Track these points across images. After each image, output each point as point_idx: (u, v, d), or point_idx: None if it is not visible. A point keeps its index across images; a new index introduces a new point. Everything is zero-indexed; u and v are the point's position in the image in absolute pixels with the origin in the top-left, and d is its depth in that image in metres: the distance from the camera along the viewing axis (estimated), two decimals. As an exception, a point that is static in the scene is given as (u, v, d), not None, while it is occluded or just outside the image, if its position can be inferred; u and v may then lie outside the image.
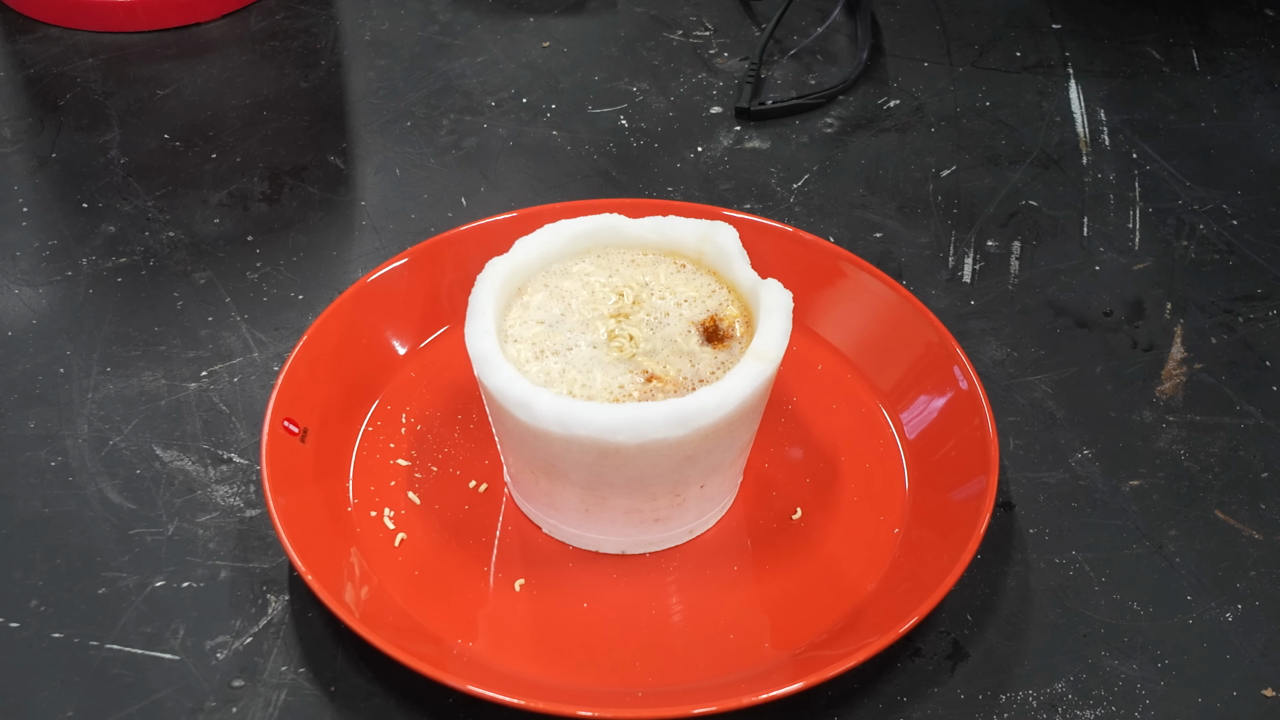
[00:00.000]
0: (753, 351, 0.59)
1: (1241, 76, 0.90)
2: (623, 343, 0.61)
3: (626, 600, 0.61)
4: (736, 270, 0.63)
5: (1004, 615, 0.61)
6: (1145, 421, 0.69)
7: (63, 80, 0.87)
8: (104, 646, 0.59)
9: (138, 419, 0.68)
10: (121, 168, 0.82)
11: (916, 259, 0.77)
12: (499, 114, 0.86)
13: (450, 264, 0.70)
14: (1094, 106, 0.87)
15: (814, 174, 0.82)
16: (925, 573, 0.59)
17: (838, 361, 0.70)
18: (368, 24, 0.93)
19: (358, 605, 0.58)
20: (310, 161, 0.83)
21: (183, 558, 0.62)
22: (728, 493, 0.64)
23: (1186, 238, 0.78)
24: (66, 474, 0.65)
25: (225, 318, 0.73)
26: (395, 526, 0.63)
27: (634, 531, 0.62)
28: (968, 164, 0.83)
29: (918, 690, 0.58)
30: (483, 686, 0.54)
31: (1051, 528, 0.64)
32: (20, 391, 0.69)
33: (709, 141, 0.84)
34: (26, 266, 0.76)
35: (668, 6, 0.95)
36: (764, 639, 0.60)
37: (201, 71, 0.88)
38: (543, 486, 0.61)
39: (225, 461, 0.66)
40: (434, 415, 0.68)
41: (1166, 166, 0.83)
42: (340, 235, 0.78)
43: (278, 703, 0.57)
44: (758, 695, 0.55)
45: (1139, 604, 0.61)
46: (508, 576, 0.62)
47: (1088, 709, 0.58)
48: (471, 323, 0.60)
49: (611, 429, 0.56)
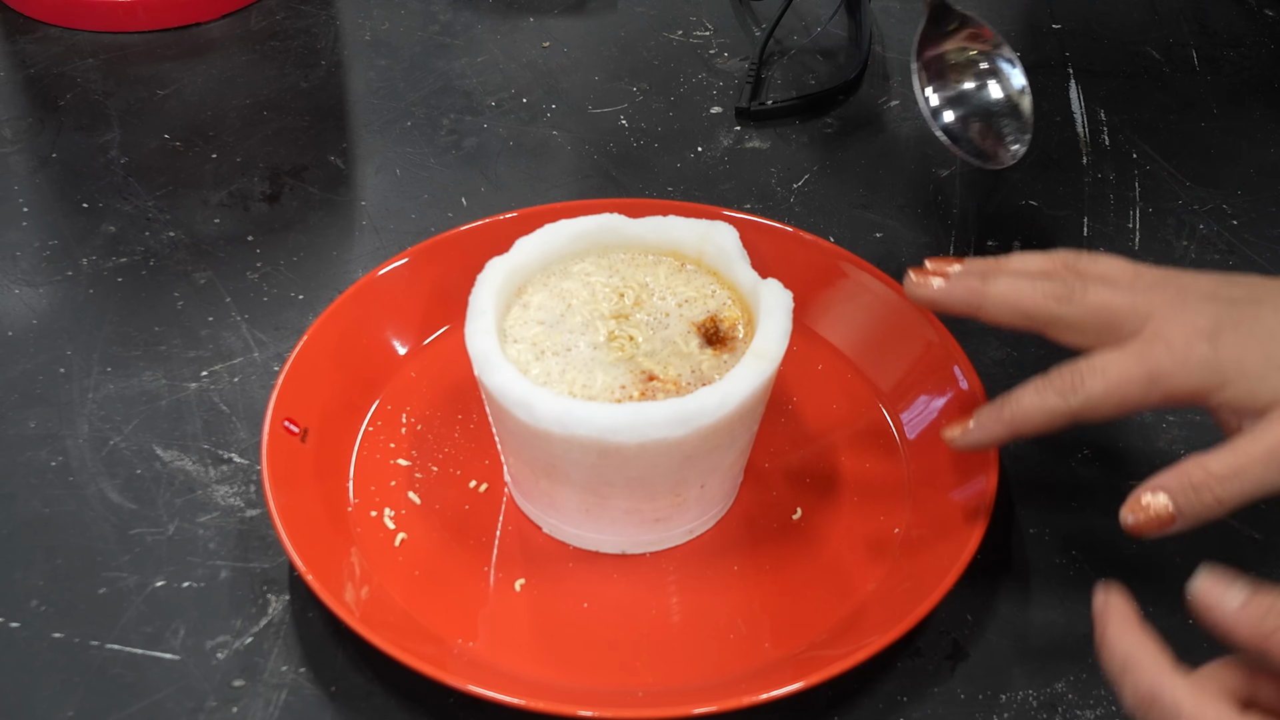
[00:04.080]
0: (753, 351, 0.59)
1: (1241, 76, 0.90)
2: (623, 343, 0.61)
3: (626, 600, 0.61)
4: (737, 270, 0.63)
5: (1004, 615, 0.61)
6: (1145, 421, 0.69)
7: (63, 80, 0.87)
8: (104, 646, 0.59)
9: (138, 419, 0.68)
10: (122, 168, 0.82)
11: (916, 259, 0.77)
12: (499, 114, 0.86)
13: (450, 264, 0.70)
14: (1094, 106, 0.87)
15: (814, 174, 0.82)
16: (925, 573, 0.59)
17: (838, 361, 0.70)
18: (368, 24, 0.93)
19: (358, 605, 0.58)
20: (310, 161, 0.83)
21: (183, 558, 0.62)
22: (728, 493, 0.64)
23: (1186, 238, 0.78)
24: (67, 474, 0.65)
25: (225, 318, 0.73)
26: (395, 526, 0.63)
27: (634, 531, 0.62)
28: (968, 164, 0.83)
29: (918, 690, 0.58)
30: (483, 686, 0.54)
31: (1051, 528, 0.64)
32: (20, 391, 0.69)
33: (709, 141, 0.84)
34: (27, 266, 0.76)
35: (668, 6, 0.95)
36: (764, 639, 0.60)
37: (201, 71, 0.88)
38: (543, 486, 0.61)
39: (225, 461, 0.66)
40: (434, 415, 0.68)
41: (1166, 166, 0.83)
42: (340, 235, 0.78)
43: (278, 703, 0.57)
44: (758, 695, 0.55)
45: (1139, 604, 0.61)
46: (508, 576, 0.62)
47: (1088, 709, 0.58)
48: (471, 323, 0.60)
49: (612, 429, 0.56)
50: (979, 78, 0.77)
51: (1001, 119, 0.76)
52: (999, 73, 0.77)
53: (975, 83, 0.77)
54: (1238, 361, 0.54)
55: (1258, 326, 0.54)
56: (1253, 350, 0.54)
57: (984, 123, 0.76)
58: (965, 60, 0.77)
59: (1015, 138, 0.76)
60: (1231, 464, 0.52)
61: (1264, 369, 0.53)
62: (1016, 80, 0.77)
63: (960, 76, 0.77)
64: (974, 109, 0.77)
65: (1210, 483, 0.53)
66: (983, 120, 0.76)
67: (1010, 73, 0.77)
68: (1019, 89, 0.77)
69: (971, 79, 0.77)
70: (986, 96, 0.77)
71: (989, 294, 0.58)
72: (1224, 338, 0.54)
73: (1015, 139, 0.76)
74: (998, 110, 0.76)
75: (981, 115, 0.77)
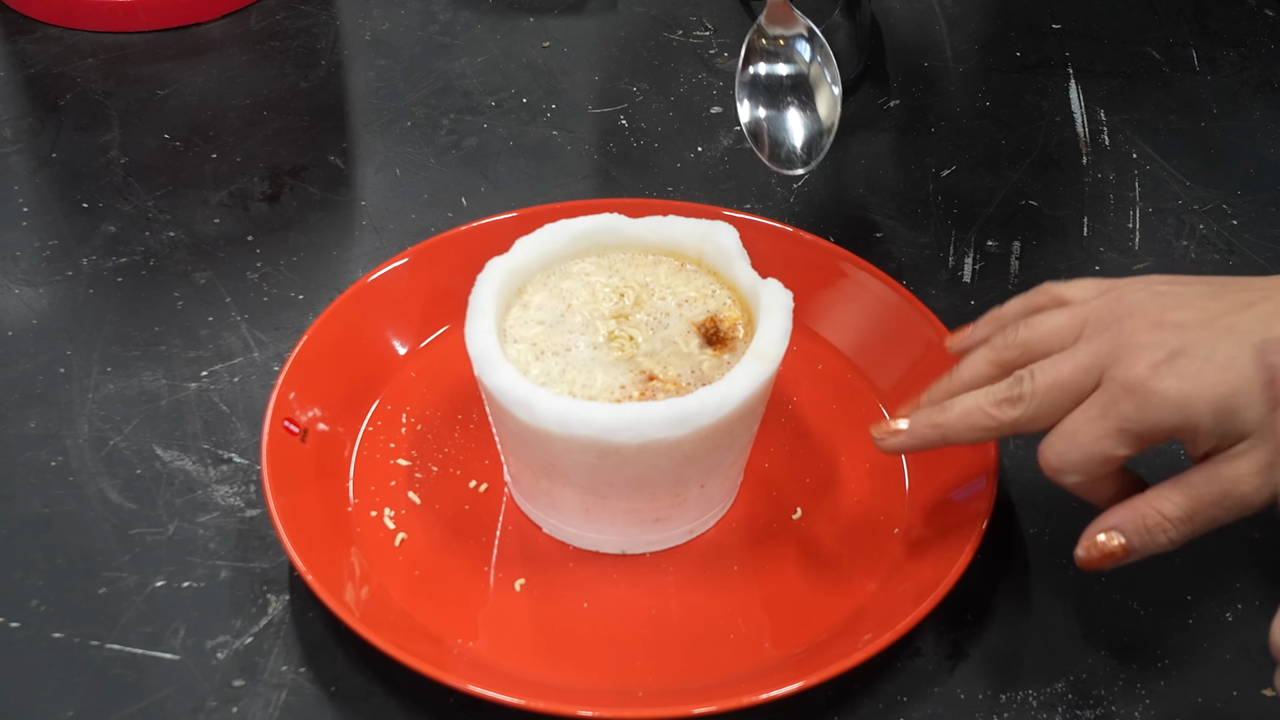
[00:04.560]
0: (753, 351, 0.59)
1: (1241, 76, 0.90)
2: (623, 343, 0.61)
3: (626, 600, 0.61)
4: (737, 270, 0.63)
5: (1004, 615, 0.61)
6: (1145, 421, 0.69)
7: (63, 80, 0.87)
8: (104, 646, 0.59)
9: (138, 419, 0.68)
10: (122, 168, 0.82)
11: (916, 259, 0.77)
12: (499, 114, 0.86)
13: (450, 264, 0.70)
14: (1094, 106, 0.87)
15: (814, 174, 0.82)
16: (925, 573, 0.59)
17: (838, 361, 0.70)
18: (368, 24, 0.93)
19: (358, 605, 0.58)
20: (310, 161, 0.83)
21: (183, 558, 0.62)
22: (728, 493, 0.64)
23: (1186, 238, 0.78)
24: (67, 474, 0.65)
25: (225, 318, 0.73)
26: (395, 526, 0.63)
27: (634, 531, 0.62)
28: (968, 164, 0.83)
29: (918, 690, 0.58)
30: (483, 686, 0.54)
31: (1051, 528, 0.64)
32: (20, 391, 0.69)
33: (709, 141, 0.84)
34: (27, 266, 0.76)
35: (668, 6, 0.95)
36: (764, 639, 0.60)
37: (201, 71, 0.88)
38: (543, 486, 0.61)
39: (225, 461, 0.66)
40: (434, 415, 0.68)
41: (1166, 166, 0.83)
42: (340, 235, 0.78)
43: (278, 703, 0.57)
44: (758, 695, 0.55)
45: (1139, 604, 0.61)
46: (508, 576, 0.62)
47: (1088, 709, 0.58)
48: (472, 323, 0.60)
49: (612, 429, 0.56)
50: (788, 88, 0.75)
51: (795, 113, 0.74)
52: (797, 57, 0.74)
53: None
54: (1202, 397, 0.52)
55: (1216, 353, 0.53)
56: (1215, 383, 0.52)
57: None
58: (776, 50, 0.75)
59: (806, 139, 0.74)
60: (1186, 508, 0.53)
61: (1228, 403, 0.52)
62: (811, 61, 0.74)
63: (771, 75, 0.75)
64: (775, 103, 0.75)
65: (1165, 525, 0.53)
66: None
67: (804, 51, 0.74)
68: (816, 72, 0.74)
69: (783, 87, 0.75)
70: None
71: (947, 427, 0.57)
72: (1183, 365, 0.53)
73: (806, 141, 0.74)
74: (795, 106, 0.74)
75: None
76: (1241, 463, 0.52)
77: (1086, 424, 0.54)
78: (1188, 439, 0.54)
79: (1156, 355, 0.53)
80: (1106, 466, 0.55)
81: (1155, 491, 0.54)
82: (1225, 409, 0.52)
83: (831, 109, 0.73)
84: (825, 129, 0.73)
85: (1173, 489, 0.53)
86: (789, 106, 0.74)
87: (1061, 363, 0.55)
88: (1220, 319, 0.54)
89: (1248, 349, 0.52)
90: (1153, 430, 0.53)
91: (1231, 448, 0.52)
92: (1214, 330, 0.53)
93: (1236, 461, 0.52)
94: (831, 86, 0.73)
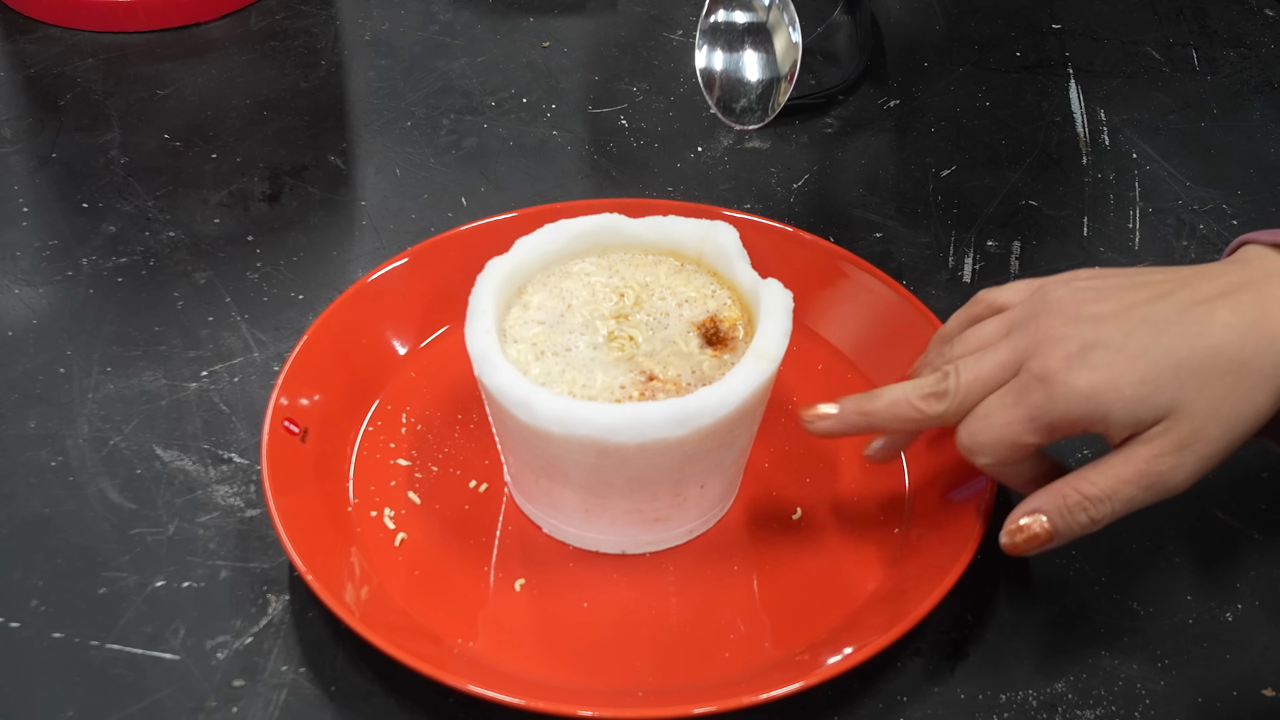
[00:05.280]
0: (753, 351, 0.59)
1: (1241, 76, 0.90)
2: (623, 343, 0.61)
3: (626, 600, 0.61)
4: (737, 270, 0.63)
5: (1004, 615, 0.61)
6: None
7: (63, 80, 0.87)
8: (104, 646, 0.59)
9: (138, 419, 0.68)
10: (121, 168, 0.82)
11: (916, 259, 0.77)
12: (499, 114, 0.86)
13: (450, 264, 0.70)
14: (1094, 106, 0.87)
15: (814, 174, 0.82)
16: (925, 573, 0.59)
17: (838, 361, 0.70)
18: (368, 24, 0.93)
19: (358, 605, 0.58)
20: (310, 161, 0.83)
21: (183, 558, 0.62)
22: (728, 493, 0.64)
23: (1186, 238, 0.78)
24: (67, 474, 0.65)
25: (225, 318, 0.73)
26: (395, 526, 0.63)
27: (634, 531, 0.62)
28: (968, 164, 0.83)
29: (918, 690, 0.58)
30: (483, 686, 0.54)
31: (1051, 528, 0.64)
32: (20, 391, 0.69)
33: (709, 141, 0.84)
34: (27, 266, 0.76)
35: (668, 6, 0.95)
36: (764, 639, 0.60)
37: (201, 71, 0.88)
38: (543, 486, 0.61)
39: (225, 461, 0.66)
40: (434, 415, 0.68)
41: (1166, 166, 0.83)
42: (340, 235, 0.78)
43: (278, 703, 0.57)
44: (758, 695, 0.55)
45: (1139, 604, 0.61)
46: (508, 576, 0.62)
47: (1088, 709, 0.58)
48: (472, 323, 0.60)
49: (612, 429, 0.56)
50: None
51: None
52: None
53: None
54: (1112, 387, 0.54)
55: (1129, 343, 0.54)
56: (1125, 372, 0.54)
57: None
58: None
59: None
60: (1104, 487, 0.55)
61: (1138, 390, 0.54)
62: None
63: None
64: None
65: (1085, 504, 0.55)
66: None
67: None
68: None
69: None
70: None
71: (875, 414, 0.59)
72: (1095, 357, 0.54)
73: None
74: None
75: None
76: (1157, 444, 0.54)
77: (1000, 409, 0.56)
78: (1101, 429, 0.55)
79: (1070, 348, 0.55)
80: (1016, 452, 0.56)
81: (1076, 474, 0.56)
82: (1135, 397, 0.54)
83: (789, 54, 0.72)
84: (783, 75, 0.72)
85: (1092, 469, 0.55)
86: (744, 51, 0.74)
87: (984, 360, 0.57)
88: (1136, 309, 0.55)
89: (1161, 338, 0.54)
90: (1061, 420, 0.55)
91: (1146, 431, 0.54)
92: (1129, 321, 0.55)
93: (1152, 443, 0.54)
94: (790, 31, 0.73)
